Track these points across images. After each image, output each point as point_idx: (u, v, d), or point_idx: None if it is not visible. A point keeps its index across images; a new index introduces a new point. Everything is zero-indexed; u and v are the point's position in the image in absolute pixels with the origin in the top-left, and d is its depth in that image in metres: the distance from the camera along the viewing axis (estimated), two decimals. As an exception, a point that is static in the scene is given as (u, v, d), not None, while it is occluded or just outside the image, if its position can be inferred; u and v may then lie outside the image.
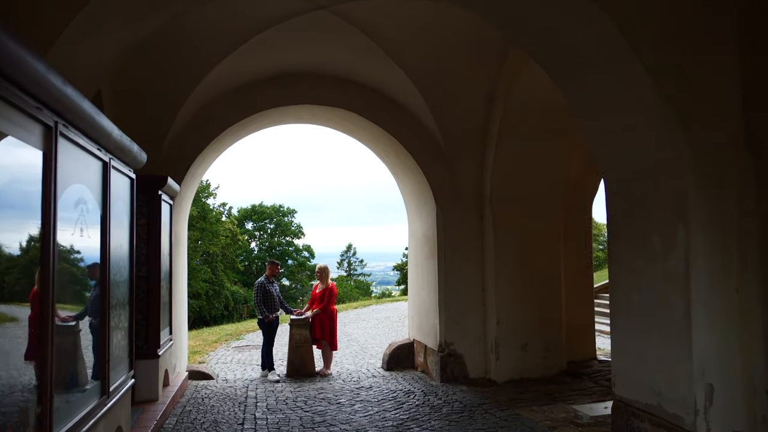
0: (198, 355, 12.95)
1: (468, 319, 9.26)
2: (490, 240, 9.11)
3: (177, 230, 9.18)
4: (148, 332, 7.50)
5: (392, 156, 10.08)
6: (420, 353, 10.18)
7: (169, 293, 8.45)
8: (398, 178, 10.71)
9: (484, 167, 9.21)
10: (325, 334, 10.32)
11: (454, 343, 9.20)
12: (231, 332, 17.80)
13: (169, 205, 8.47)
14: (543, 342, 9.07)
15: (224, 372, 10.90)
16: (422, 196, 9.78)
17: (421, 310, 10.17)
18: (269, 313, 10.23)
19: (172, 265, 8.60)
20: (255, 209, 65.07)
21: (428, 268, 9.72)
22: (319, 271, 10.68)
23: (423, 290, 10.01)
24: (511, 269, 9.03)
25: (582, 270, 9.86)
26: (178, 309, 9.32)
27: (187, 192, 9.55)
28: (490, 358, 9.08)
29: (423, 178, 9.40)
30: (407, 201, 10.77)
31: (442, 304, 9.22)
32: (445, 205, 9.31)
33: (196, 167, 9.23)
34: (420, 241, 10.20)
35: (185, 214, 9.92)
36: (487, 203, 9.16)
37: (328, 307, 10.39)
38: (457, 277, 9.26)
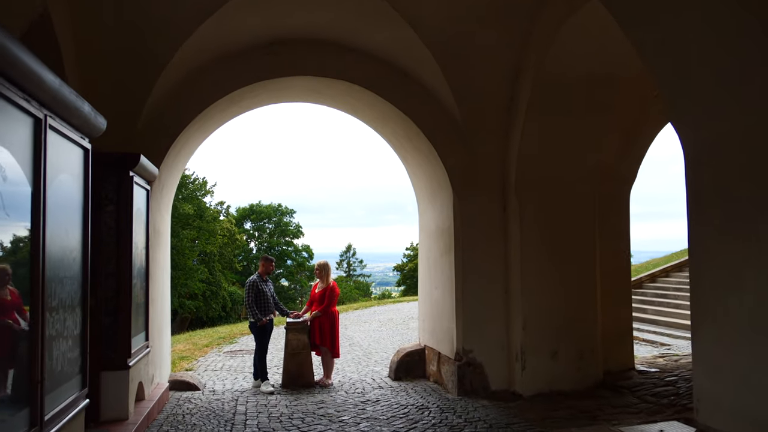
0: (186, 362, 11.78)
1: (489, 324, 8.09)
2: (515, 233, 7.94)
3: (156, 221, 8.01)
4: (118, 339, 6.33)
5: (402, 138, 8.91)
6: (432, 361, 9.01)
7: (145, 293, 7.28)
8: (408, 164, 9.54)
9: (509, 150, 8.04)
10: (325, 340, 9.15)
11: (473, 350, 8.03)
12: (224, 335, 16.62)
13: (146, 190, 7.30)
14: (576, 349, 7.90)
15: (212, 381, 9.72)
16: (437, 183, 8.61)
17: (434, 312, 8.99)
18: (262, 316, 9.06)
19: (149, 260, 7.43)
20: (253, 209, 64.22)
21: (443, 266, 8.55)
22: (318, 268, 9.50)
23: (436, 290, 8.83)
24: (539, 266, 7.86)
25: (619, 268, 8.68)
26: (158, 311, 8.15)
27: (169, 177, 8.38)
28: (515, 368, 7.90)
29: (438, 163, 8.23)
30: (418, 190, 9.60)
31: (459, 306, 8.05)
32: (464, 193, 8.14)
33: (178, 148, 8.06)
34: (433, 235, 9.02)
35: (167, 203, 8.75)
36: (511, 191, 7.99)
37: (328, 308, 9.22)
38: (476, 276, 8.09)
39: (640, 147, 8.75)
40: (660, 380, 7.89)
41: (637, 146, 8.70)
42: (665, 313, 14.67)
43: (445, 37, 7.42)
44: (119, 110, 7.16)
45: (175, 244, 40.70)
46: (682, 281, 16.72)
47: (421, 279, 9.79)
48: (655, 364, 9.03)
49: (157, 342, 8.09)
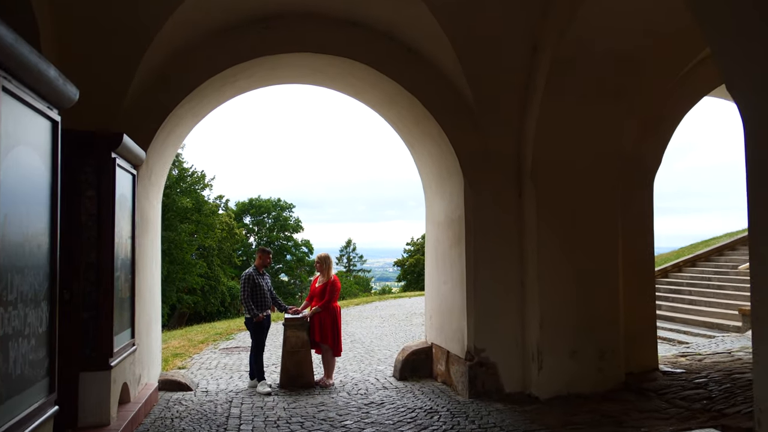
0: (179, 359, 11.20)
1: (503, 321, 7.52)
2: (532, 222, 7.36)
3: (144, 208, 7.43)
4: (98, 337, 5.75)
5: (409, 121, 8.31)
6: (441, 360, 8.43)
7: (131, 286, 6.70)
8: (415, 150, 8.93)
9: (525, 132, 7.44)
10: (326, 337, 8.57)
11: (485, 349, 7.45)
12: (221, 331, 16.04)
13: (131, 175, 6.71)
14: (597, 348, 7.32)
15: (206, 380, 9.14)
16: (446, 168, 8.02)
17: (442, 308, 8.41)
18: (259, 311, 8.48)
19: (135, 251, 6.84)
20: (253, 203, 63.77)
21: (453, 258, 7.96)
22: (319, 261, 8.92)
23: (445, 285, 8.25)
24: (557, 258, 7.28)
25: (642, 260, 8.09)
26: (146, 306, 7.57)
27: (158, 162, 7.78)
28: (531, 369, 7.33)
29: (448, 146, 7.64)
30: (425, 177, 9.00)
31: (470, 301, 7.47)
32: (476, 179, 7.55)
33: (168, 131, 7.47)
34: (442, 226, 8.43)
35: (157, 190, 8.15)
36: (527, 176, 7.40)
37: (329, 304, 8.64)
38: (489, 269, 7.51)
39: (665, 131, 8.16)
40: (688, 382, 7.31)
41: (662, 130, 8.11)
42: (681, 309, 14.10)
43: (456, 10, 6.81)
44: (103, 88, 6.58)
45: (173, 238, 40.16)
46: (695, 276, 16.17)
47: (428, 273, 9.21)
48: (679, 363, 8.46)
49: (145, 339, 7.52)
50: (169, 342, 14.21)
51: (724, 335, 11.67)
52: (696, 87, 8.15)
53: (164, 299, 40.19)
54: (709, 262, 17.01)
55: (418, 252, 63.81)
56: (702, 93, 8.34)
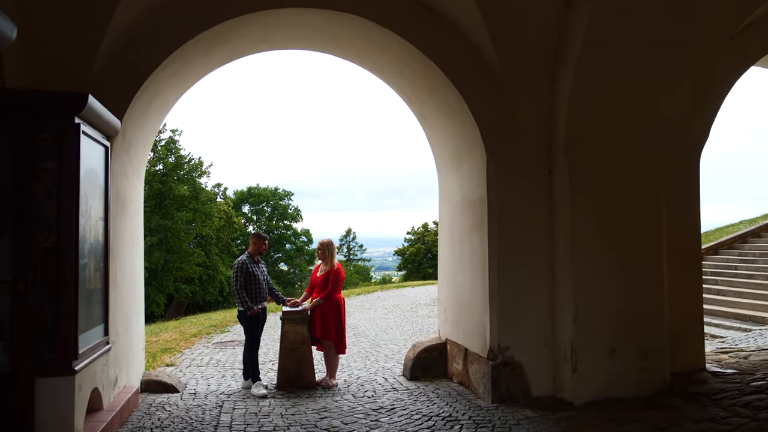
0: (168, 355, 10.31)
1: (530, 315, 6.61)
2: (564, 203, 6.43)
3: (122, 187, 6.50)
4: (59, 335, 4.83)
5: (422, 89, 7.35)
6: (457, 359, 7.53)
7: (103, 276, 5.78)
8: (427, 124, 7.97)
9: (557, 100, 6.49)
10: (329, 332, 7.66)
11: (510, 347, 6.54)
12: (216, 322, 15.14)
13: (104, 147, 5.77)
14: (639, 346, 6.43)
15: (195, 380, 8.24)
16: (465, 143, 7.07)
17: (459, 300, 7.49)
18: (253, 303, 7.56)
19: (109, 235, 5.91)
20: (251, 191, 62.93)
21: (472, 244, 7.04)
22: (320, 247, 7.97)
23: (463, 274, 7.33)
24: (593, 244, 6.37)
25: (689, 247, 7.16)
26: (124, 298, 6.65)
27: (138, 135, 6.83)
28: (563, 370, 6.42)
29: (468, 117, 6.69)
30: (439, 154, 8.04)
31: (493, 293, 6.55)
32: (500, 154, 6.61)
33: (148, 98, 6.51)
34: (459, 208, 7.50)
35: (137, 167, 7.20)
36: (559, 150, 6.47)
37: (332, 295, 7.72)
38: (515, 255, 6.59)
39: (716, 98, 7.20)
40: (744, 385, 6.42)
41: (713, 97, 7.16)
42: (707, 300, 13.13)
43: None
44: (70, 48, 5.68)
45: (170, 227, 39.28)
46: (719, 264, 15.24)
47: (442, 261, 8.28)
48: (724, 362, 7.57)
49: (124, 336, 6.61)
50: (160, 335, 13.34)
51: (761, 328, 10.77)
52: (749, 51, 7.19)
53: (161, 289, 39.39)
54: (732, 249, 16.09)
55: (419, 241, 63.02)
56: (753, 59, 7.37)
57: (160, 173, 41.57)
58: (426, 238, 62.94)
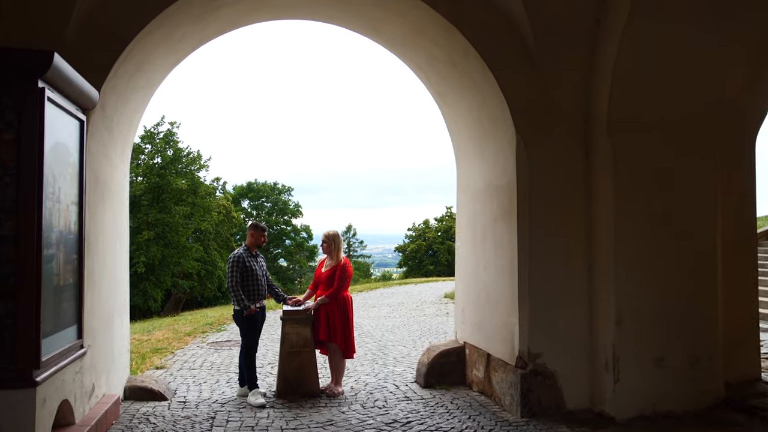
0: (159, 356, 9.52)
1: (565, 317, 5.82)
2: (605, 190, 5.65)
3: (101, 168, 5.70)
4: (16, 339, 4.04)
5: (442, 62, 6.54)
6: (477, 365, 6.75)
7: (76, 269, 4.99)
8: (446, 101, 7.16)
9: (598, 72, 5.70)
10: (334, 334, 6.87)
11: (542, 353, 5.75)
12: (212, 320, 14.36)
13: (79, 121, 4.98)
14: (689, 354, 5.64)
15: (186, 385, 7.45)
16: (490, 122, 6.27)
17: (481, 300, 6.71)
18: (251, 302, 6.77)
19: (84, 222, 5.12)
20: (251, 186, 62.22)
21: (498, 236, 6.25)
22: (326, 239, 7.16)
23: (486, 271, 6.54)
24: (639, 237, 5.59)
25: (744, 239, 6.37)
26: (104, 295, 5.86)
27: (121, 110, 6.03)
28: (604, 380, 5.63)
29: (495, 92, 5.90)
30: (459, 135, 7.24)
31: (523, 291, 5.76)
32: (532, 133, 5.82)
33: (132, 66, 5.71)
34: (482, 196, 6.70)
35: (121, 147, 6.40)
36: (601, 131, 5.67)
37: (339, 293, 6.93)
38: (548, 249, 5.81)
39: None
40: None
41: None
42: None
43: None
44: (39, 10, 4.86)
45: (168, 221, 38.48)
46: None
47: (460, 256, 7.49)
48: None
49: (103, 338, 5.82)
50: (152, 333, 12.56)
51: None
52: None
53: (158, 284, 38.61)
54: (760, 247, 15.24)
55: (420, 238, 62.30)
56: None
57: (158, 166, 40.78)
58: (427, 235, 62.25)
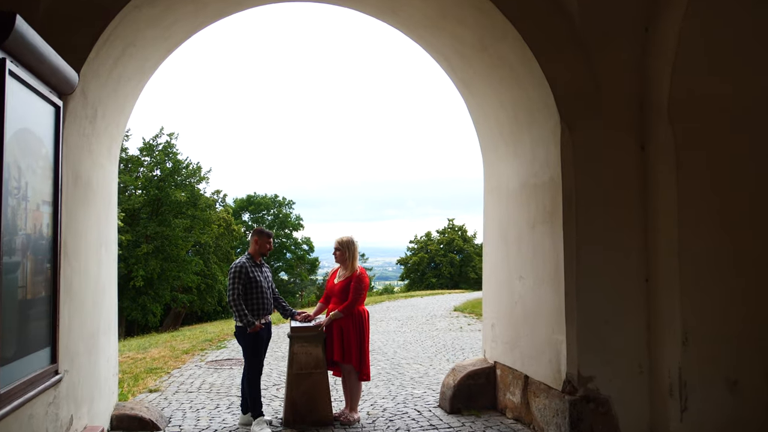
0: (154, 377, 8.70)
1: (620, 335, 5.03)
2: (667, 186, 4.89)
3: (82, 165, 4.94)
4: (-32, 368, 3.26)
5: (472, 46, 5.80)
6: (512, 388, 5.94)
7: (49, 281, 4.21)
8: (472, 92, 6.40)
9: (655, 52, 4.95)
10: (349, 354, 6.07)
11: (594, 376, 4.96)
12: (212, 336, 13.53)
13: (53, 107, 4.22)
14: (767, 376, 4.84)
15: (182, 411, 6.65)
16: (528, 111, 5.52)
17: (515, 314, 5.91)
18: (255, 318, 5.98)
19: (61, 226, 4.35)
20: (251, 199, 61.64)
21: (536, 242, 5.47)
22: (339, 246, 6.35)
23: (523, 281, 5.75)
24: (708, 241, 4.82)
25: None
26: (87, 312, 5.07)
27: (108, 101, 5.27)
28: (668, 407, 4.83)
29: (537, 76, 5.14)
30: (488, 130, 6.48)
31: (571, 304, 4.98)
32: (579, 122, 5.06)
33: (118, 50, 4.97)
34: (515, 197, 5.93)
35: (107, 142, 5.64)
36: (660, 117, 4.92)
37: (354, 307, 6.13)
38: (598, 257, 5.04)
39: None
40: None
41: None
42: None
43: None
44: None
45: (167, 234, 37.70)
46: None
47: (489, 264, 6.70)
48: None
49: (86, 361, 5.03)
50: (148, 351, 11.74)
51: None
52: None
53: (157, 298, 37.75)
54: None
55: (422, 250, 61.51)
56: None
57: (157, 179, 40.07)
58: (429, 247, 61.46)
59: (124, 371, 9.25)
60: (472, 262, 59.82)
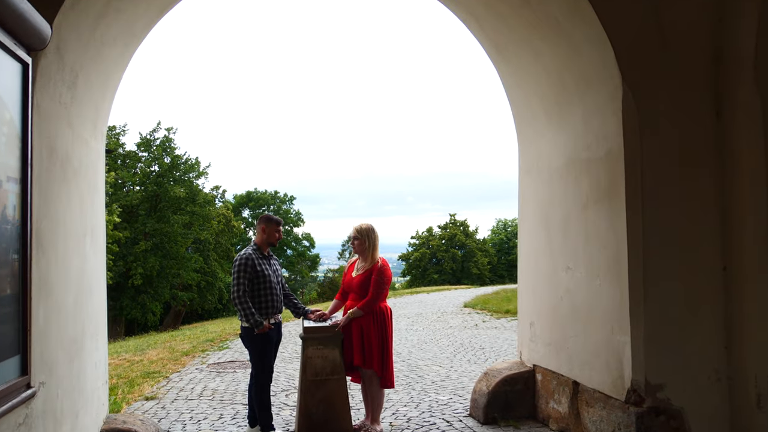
0: (150, 382, 7.95)
1: (695, 336, 4.27)
2: (751, 161, 4.13)
3: (62, 139, 4.17)
4: None
5: (509, 2, 5.02)
6: (557, 395, 5.19)
7: (19, 277, 3.46)
8: (508, 58, 5.63)
9: None
10: (370, 358, 5.32)
11: (665, 385, 4.20)
12: (213, 336, 12.80)
13: (21, 63, 3.46)
14: None
15: (182, 423, 5.90)
16: (578, 74, 4.75)
17: (560, 311, 5.15)
18: (263, 317, 5.22)
19: (32, 209, 3.59)
20: (251, 195, 60.96)
21: (590, 226, 4.71)
22: (357, 235, 5.57)
23: (570, 273, 4.99)
24: (801, 223, 4.05)
25: None
26: (67, 313, 4.31)
27: (90, 63, 4.50)
28: (756, 421, 4.07)
29: (595, 31, 4.37)
30: (523, 101, 5.70)
31: (636, 301, 4.22)
32: (644, 84, 4.30)
33: (99, 3, 4.20)
34: (559, 175, 5.17)
35: (92, 117, 4.87)
36: (744, 78, 4.15)
37: (375, 303, 5.39)
38: (667, 244, 4.28)
39: None
40: None
41: None
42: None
43: None
44: None
45: (166, 230, 36.94)
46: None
47: (526, 254, 5.94)
48: None
49: (67, 370, 4.27)
50: (146, 353, 11.00)
51: None
52: None
53: (157, 296, 37.00)
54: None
55: (423, 246, 60.76)
56: None
57: (155, 174, 39.26)
58: (431, 243, 60.70)
59: (119, 375, 8.51)
60: (474, 258, 59.15)
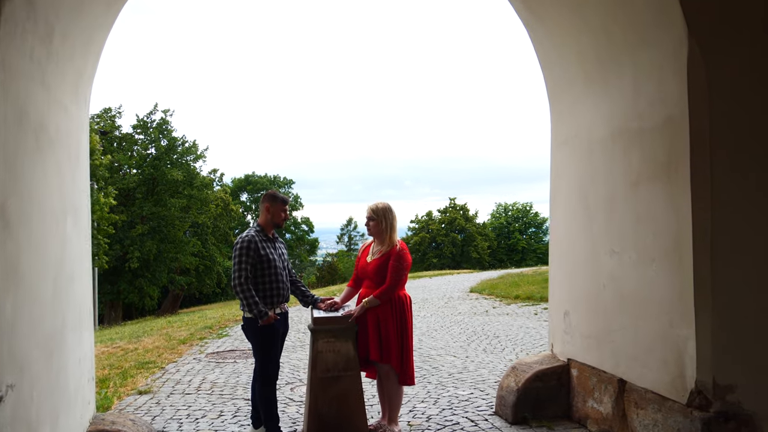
0: (145, 373, 7.40)
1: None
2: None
3: (34, 103, 3.56)
4: None
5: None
6: (597, 393, 4.64)
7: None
8: (541, 18, 4.98)
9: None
10: (388, 352, 4.75)
11: (735, 387, 3.64)
12: (212, 322, 12.25)
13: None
14: None
15: (177, 421, 5.35)
16: (629, 28, 4.13)
17: (603, 300, 4.58)
18: (267, 307, 4.64)
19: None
20: (249, 179, 60.37)
21: (642, 205, 4.12)
22: (373, 215, 4.95)
23: (616, 257, 4.41)
24: None
25: None
26: (44, 304, 3.73)
27: (68, 15, 3.87)
28: (841, 429, 3.53)
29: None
30: (558, 63, 5.07)
31: (702, 290, 3.64)
32: (713, 38, 3.68)
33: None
34: (602, 147, 4.57)
35: (73, 81, 4.25)
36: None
37: (394, 291, 4.80)
38: (739, 226, 3.69)
39: None
40: None
41: None
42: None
43: None
44: None
45: (164, 214, 36.32)
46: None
47: (560, 237, 5.34)
48: None
49: (43, 369, 3.69)
50: (141, 340, 10.45)
51: None
52: None
53: (154, 280, 36.48)
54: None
55: (423, 230, 60.30)
56: None
57: (152, 157, 38.54)
58: (431, 227, 60.24)
59: (111, 366, 7.97)
60: (474, 242, 58.74)
